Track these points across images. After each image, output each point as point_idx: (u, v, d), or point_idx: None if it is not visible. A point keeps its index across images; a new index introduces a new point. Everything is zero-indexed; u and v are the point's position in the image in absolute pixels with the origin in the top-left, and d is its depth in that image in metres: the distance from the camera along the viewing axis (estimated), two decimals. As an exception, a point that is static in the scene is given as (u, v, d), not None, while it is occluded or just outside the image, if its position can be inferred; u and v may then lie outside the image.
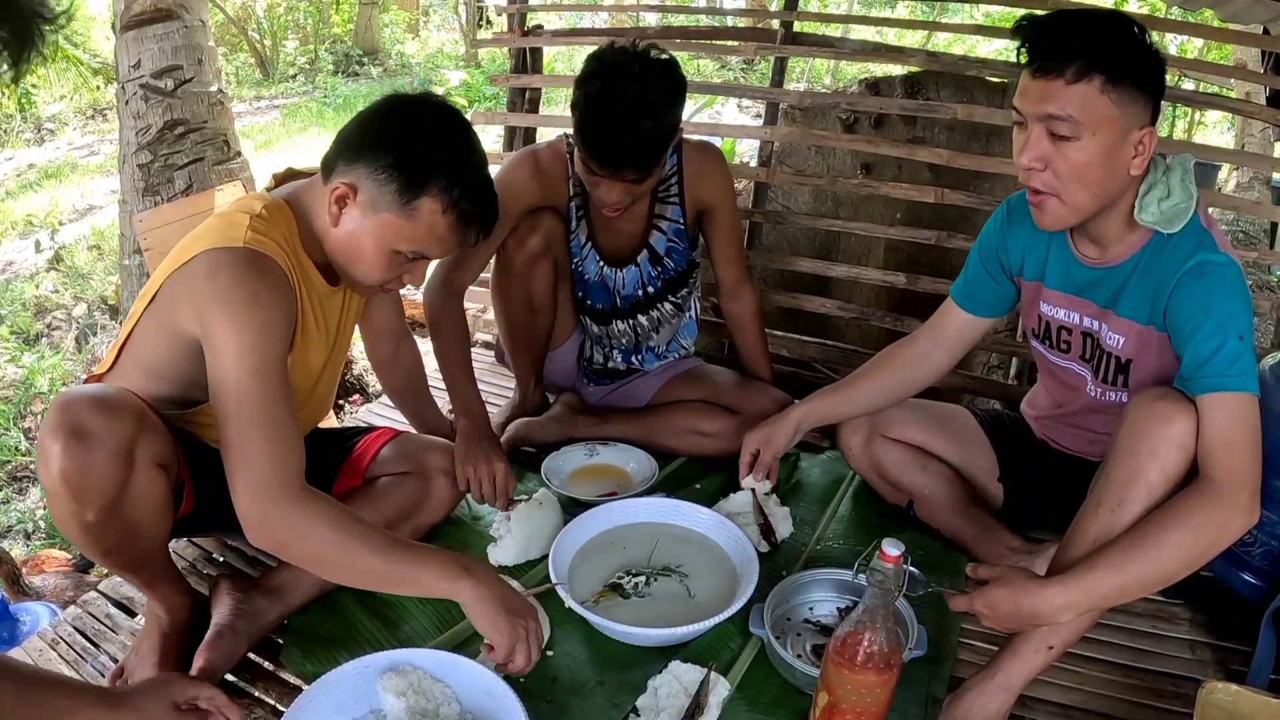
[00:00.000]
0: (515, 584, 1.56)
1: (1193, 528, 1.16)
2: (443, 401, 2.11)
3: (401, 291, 1.85)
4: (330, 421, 2.50)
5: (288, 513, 1.20)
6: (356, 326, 1.69)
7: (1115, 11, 1.34)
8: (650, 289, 2.06)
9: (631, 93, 1.60)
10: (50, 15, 0.64)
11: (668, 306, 2.10)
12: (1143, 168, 1.33)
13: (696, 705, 1.31)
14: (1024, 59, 1.31)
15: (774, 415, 1.79)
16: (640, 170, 1.69)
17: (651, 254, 2.03)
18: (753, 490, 1.82)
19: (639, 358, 2.17)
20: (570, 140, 1.93)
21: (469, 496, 1.87)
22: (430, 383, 1.95)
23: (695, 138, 2.05)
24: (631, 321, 2.10)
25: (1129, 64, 1.26)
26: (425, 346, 2.03)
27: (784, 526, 1.81)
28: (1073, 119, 1.26)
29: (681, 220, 2.01)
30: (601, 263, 2.04)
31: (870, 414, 1.84)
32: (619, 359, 2.17)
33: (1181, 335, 1.31)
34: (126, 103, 3.17)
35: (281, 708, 1.36)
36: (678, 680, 1.36)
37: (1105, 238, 1.43)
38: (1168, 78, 1.33)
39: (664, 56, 1.69)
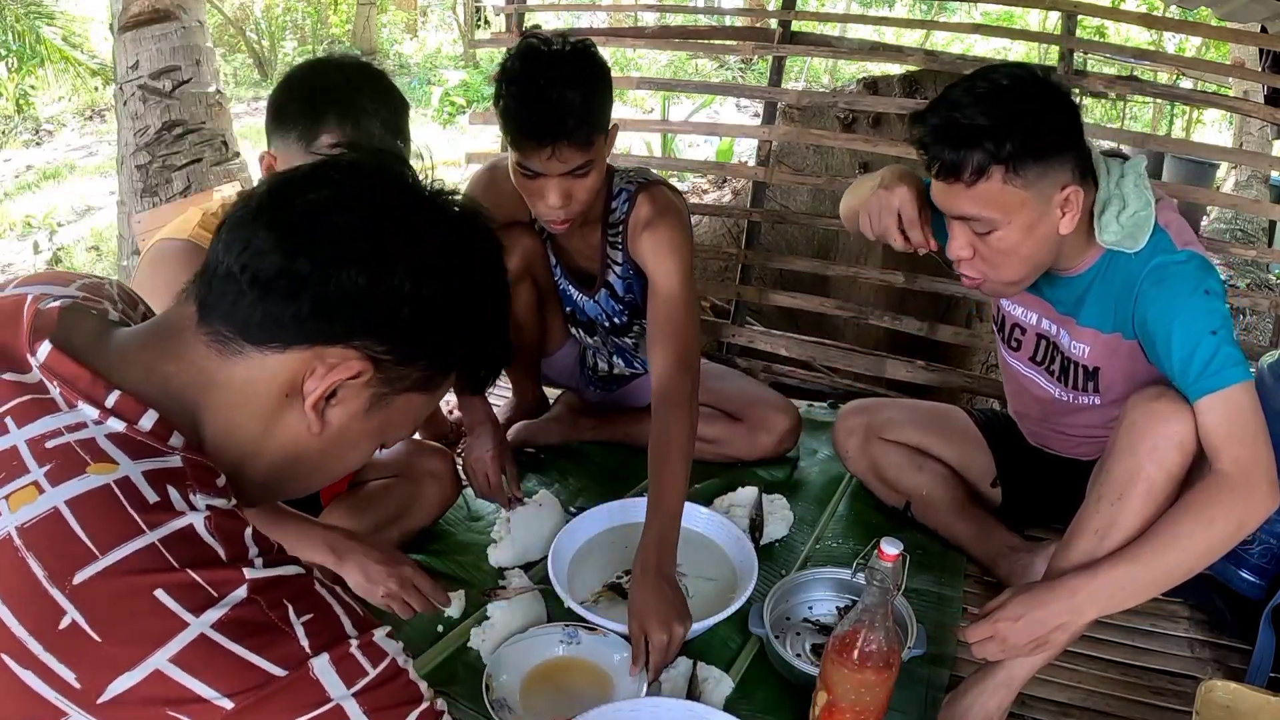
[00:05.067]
0: (520, 578, 1.58)
1: (1208, 520, 1.17)
2: (446, 396, 2.12)
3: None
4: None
5: None
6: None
7: (1015, 78, 1.25)
8: (617, 320, 1.97)
9: (553, 67, 1.52)
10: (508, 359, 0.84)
11: (638, 329, 2.00)
12: (1073, 225, 1.30)
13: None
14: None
15: (899, 172, 1.49)
16: (574, 142, 1.51)
17: (611, 292, 1.92)
18: (759, 490, 1.83)
19: (639, 362, 2.16)
20: None
21: (469, 498, 1.88)
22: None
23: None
24: (609, 338, 2.05)
25: (1029, 143, 1.21)
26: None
27: (778, 529, 1.81)
28: (982, 217, 1.26)
29: (628, 266, 1.84)
30: (569, 283, 1.97)
31: None
32: (622, 365, 2.16)
33: (1155, 347, 1.29)
34: (125, 104, 3.17)
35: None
36: (680, 676, 1.37)
37: (1063, 262, 1.40)
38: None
39: (582, 42, 1.59)
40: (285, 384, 0.71)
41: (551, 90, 1.49)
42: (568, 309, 2.06)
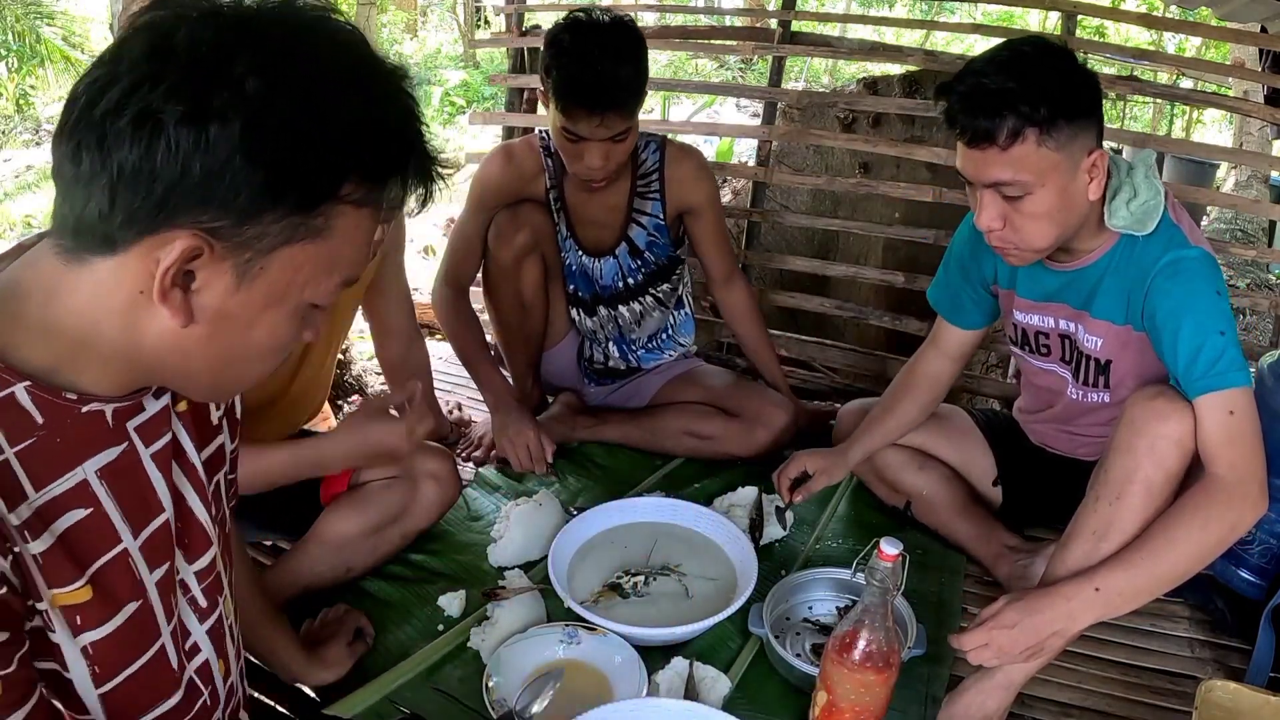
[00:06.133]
0: (520, 578, 1.57)
1: (1201, 523, 1.18)
2: (446, 397, 2.12)
3: (411, 290, 1.86)
4: (329, 423, 2.49)
5: None
6: (359, 329, 1.69)
7: (1036, 45, 1.28)
8: (631, 280, 2.06)
9: (603, 39, 1.68)
10: (446, 163, 0.72)
11: (649, 299, 2.09)
12: (1100, 190, 1.32)
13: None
14: (954, 127, 1.28)
15: (829, 449, 1.76)
16: (624, 111, 1.70)
17: (631, 247, 2.03)
18: (759, 490, 1.83)
19: (635, 355, 2.17)
20: (545, 134, 1.94)
21: (469, 498, 1.88)
22: (434, 382, 1.94)
23: (689, 136, 2.06)
24: (613, 310, 2.10)
25: (1059, 104, 1.23)
26: (433, 348, 2.03)
27: (778, 529, 1.81)
28: (1018, 181, 1.25)
29: (662, 216, 2.01)
30: (581, 252, 2.05)
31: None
32: (617, 356, 2.17)
33: (1162, 339, 1.30)
34: (125, 104, 3.17)
35: (280, 707, 1.36)
36: (679, 676, 1.37)
37: (1075, 248, 1.43)
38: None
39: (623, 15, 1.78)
40: (133, 285, 0.64)
41: (603, 64, 1.65)
42: (570, 287, 2.08)
